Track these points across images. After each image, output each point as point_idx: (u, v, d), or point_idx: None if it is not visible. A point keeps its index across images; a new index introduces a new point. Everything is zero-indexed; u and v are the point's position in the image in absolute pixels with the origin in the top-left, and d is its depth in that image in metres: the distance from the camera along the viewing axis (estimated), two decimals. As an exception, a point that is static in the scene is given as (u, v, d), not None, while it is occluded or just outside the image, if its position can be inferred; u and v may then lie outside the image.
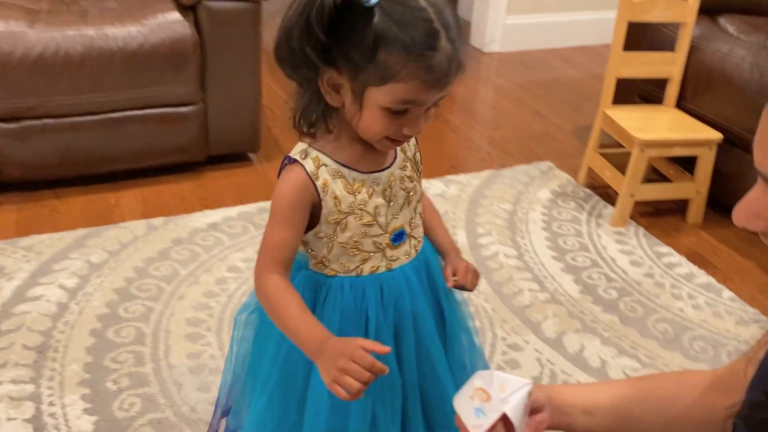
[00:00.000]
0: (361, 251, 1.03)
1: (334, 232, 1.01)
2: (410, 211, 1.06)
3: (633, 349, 1.79)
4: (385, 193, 1.02)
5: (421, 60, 0.86)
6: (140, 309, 1.83)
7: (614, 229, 2.33)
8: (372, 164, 1.01)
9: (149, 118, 2.30)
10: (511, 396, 0.81)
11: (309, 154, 0.99)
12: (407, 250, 1.08)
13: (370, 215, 1.01)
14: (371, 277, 1.05)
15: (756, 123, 2.40)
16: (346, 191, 0.99)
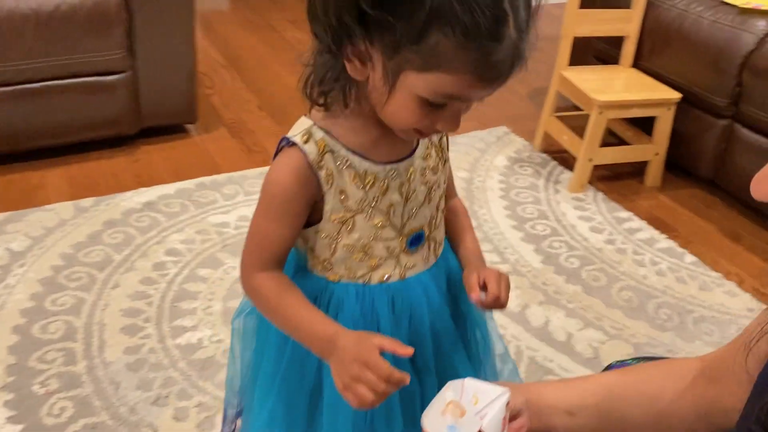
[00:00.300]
0: (371, 256, 0.86)
1: (339, 233, 0.84)
2: (431, 209, 0.89)
3: (598, 321, 1.73)
4: (402, 189, 0.84)
5: (481, 50, 0.68)
6: (70, 301, 1.66)
7: (573, 195, 2.26)
8: (389, 152, 0.83)
9: (72, 89, 2.09)
10: (487, 407, 0.71)
11: (313, 135, 0.80)
12: (425, 255, 0.90)
13: (382, 215, 0.84)
14: (380, 287, 0.88)
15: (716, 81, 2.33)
16: (355, 185, 0.81)
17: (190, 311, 1.66)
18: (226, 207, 2.05)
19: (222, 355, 1.54)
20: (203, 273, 1.78)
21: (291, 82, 3.33)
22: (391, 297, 0.87)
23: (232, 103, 2.70)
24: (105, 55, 2.08)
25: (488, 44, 0.68)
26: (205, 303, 1.69)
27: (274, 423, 0.93)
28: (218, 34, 3.38)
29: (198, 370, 1.50)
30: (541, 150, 2.50)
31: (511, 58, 0.70)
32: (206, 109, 2.60)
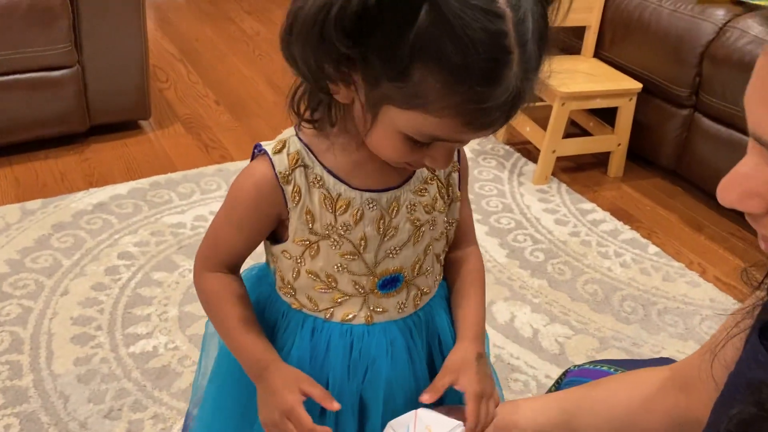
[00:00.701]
0: (335, 290, 0.78)
1: (302, 256, 0.77)
2: (417, 252, 0.79)
3: (564, 315, 1.71)
4: (380, 222, 0.75)
5: (471, 94, 0.58)
6: (16, 310, 1.58)
7: (537, 187, 2.24)
8: (372, 179, 0.74)
9: (16, 85, 1.99)
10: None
11: (288, 146, 0.74)
12: (401, 302, 0.80)
13: (352, 246, 0.75)
14: (341, 327, 0.79)
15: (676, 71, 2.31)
16: (323, 207, 0.74)
17: (144, 318, 1.59)
18: (181, 206, 1.98)
19: (178, 363, 1.48)
20: (158, 276, 1.72)
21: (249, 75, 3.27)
22: (350, 342, 0.80)
23: (187, 98, 2.61)
24: (50, 49, 1.98)
25: (481, 89, 0.58)
26: (160, 308, 1.62)
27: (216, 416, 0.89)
28: (173, 26, 3.28)
29: (153, 380, 1.44)
30: (504, 142, 2.48)
31: (509, 103, 0.60)
32: (160, 104, 2.51)
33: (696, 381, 0.74)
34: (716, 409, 0.64)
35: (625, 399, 0.79)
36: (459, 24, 0.55)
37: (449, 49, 0.56)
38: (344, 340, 0.80)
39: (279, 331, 0.82)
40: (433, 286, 0.83)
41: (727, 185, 0.52)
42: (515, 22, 0.57)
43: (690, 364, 0.77)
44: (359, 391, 0.81)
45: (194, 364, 1.48)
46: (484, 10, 0.55)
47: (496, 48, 0.56)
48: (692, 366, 0.76)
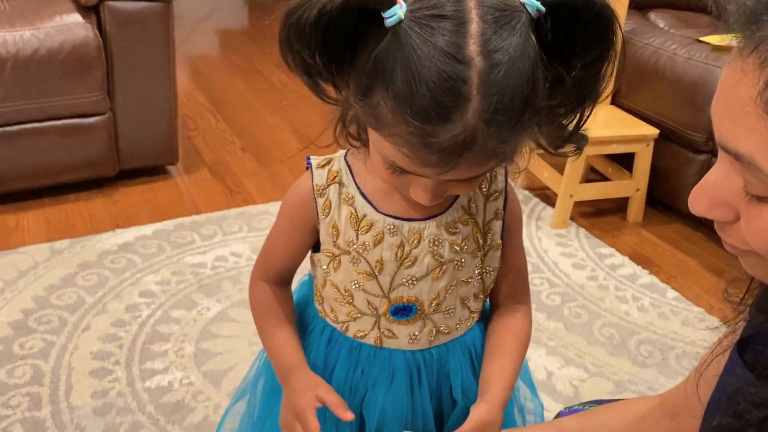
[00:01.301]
0: (351, 305, 0.80)
1: (327, 267, 0.80)
2: (438, 289, 0.78)
3: (579, 358, 1.69)
4: (398, 249, 0.76)
5: (414, 129, 0.57)
6: (39, 344, 1.63)
7: (555, 231, 2.25)
8: (399, 207, 0.75)
9: (51, 131, 2.09)
10: None
11: (332, 164, 0.78)
12: (414, 333, 0.80)
13: (369, 266, 0.77)
14: (353, 343, 0.82)
15: (692, 117, 2.33)
16: (348, 224, 0.77)
17: (161, 353, 1.62)
18: (203, 247, 2.03)
19: (192, 398, 1.50)
20: (176, 314, 1.75)
21: (275, 123, 3.37)
22: (356, 359, 0.82)
23: (215, 145, 2.70)
24: (83, 97, 2.09)
25: (422, 125, 0.57)
26: (177, 345, 1.65)
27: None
28: (204, 78, 3.41)
29: (166, 414, 1.46)
30: (523, 187, 2.50)
31: (457, 148, 0.58)
32: (188, 150, 2.60)
33: (684, 408, 0.74)
34: (702, 426, 0.65)
35: (617, 427, 0.79)
36: (413, 57, 0.55)
37: (399, 79, 0.56)
38: (352, 356, 0.82)
39: (308, 333, 0.87)
40: (454, 328, 0.82)
41: (697, 194, 0.53)
42: (482, 70, 0.56)
43: (678, 392, 0.77)
44: (359, 409, 0.82)
45: (207, 400, 1.50)
46: (445, 52, 0.55)
47: (446, 90, 0.55)
48: (679, 394, 0.76)
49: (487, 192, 0.79)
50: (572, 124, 0.66)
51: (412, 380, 0.82)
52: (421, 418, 0.83)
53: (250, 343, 1.66)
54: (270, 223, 2.17)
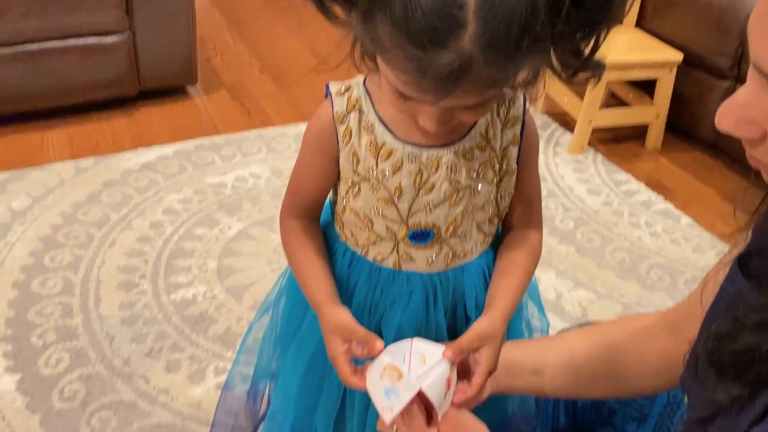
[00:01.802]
0: (371, 230, 0.82)
1: (347, 194, 0.81)
2: (455, 214, 0.79)
3: (589, 281, 1.74)
4: (416, 176, 0.77)
5: (409, 53, 0.58)
6: (68, 258, 1.70)
7: (572, 157, 2.25)
8: (417, 134, 0.75)
9: (71, 50, 2.10)
10: (431, 370, 0.69)
11: (351, 90, 0.78)
12: (431, 257, 0.82)
13: (388, 193, 0.78)
14: (372, 266, 0.84)
15: (718, 42, 2.26)
16: (368, 152, 0.77)
17: (186, 268, 1.69)
18: (223, 168, 2.07)
19: (215, 310, 1.57)
20: (199, 232, 1.81)
21: (293, 44, 3.33)
22: (376, 281, 0.84)
23: (233, 66, 2.70)
24: (102, 15, 2.08)
25: (415, 50, 0.57)
26: (200, 261, 1.71)
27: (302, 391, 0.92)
28: (222, -3, 3.36)
29: (191, 325, 1.53)
30: (543, 112, 2.48)
31: (453, 75, 0.57)
32: (207, 71, 2.60)
33: (686, 321, 0.77)
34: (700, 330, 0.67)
35: (618, 337, 0.83)
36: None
37: (396, 2, 0.56)
38: (372, 278, 0.84)
39: (330, 255, 0.88)
40: (470, 251, 0.84)
41: (726, 111, 0.53)
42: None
43: (679, 309, 0.80)
44: (377, 328, 0.85)
45: (230, 312, 1.57)
46: None
47: (441, 15, 0.55)
48: (680, 311, 0.79)
49: (504, 118, 0.79)
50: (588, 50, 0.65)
51: (428, 300, 0.85)
52: (435, 333, 0.87)
53: (270, 260, 1.72)
54: (288, 146, 2.19)
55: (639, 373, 0.82)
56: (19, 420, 1.30)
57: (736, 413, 0.56)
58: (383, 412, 0.69)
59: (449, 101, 0.62)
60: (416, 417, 0.71)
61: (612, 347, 0.83)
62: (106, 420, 1.31)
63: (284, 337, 0.96)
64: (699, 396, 0.62)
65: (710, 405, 0.58)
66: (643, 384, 0.83)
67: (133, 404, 1.35)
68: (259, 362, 1.01)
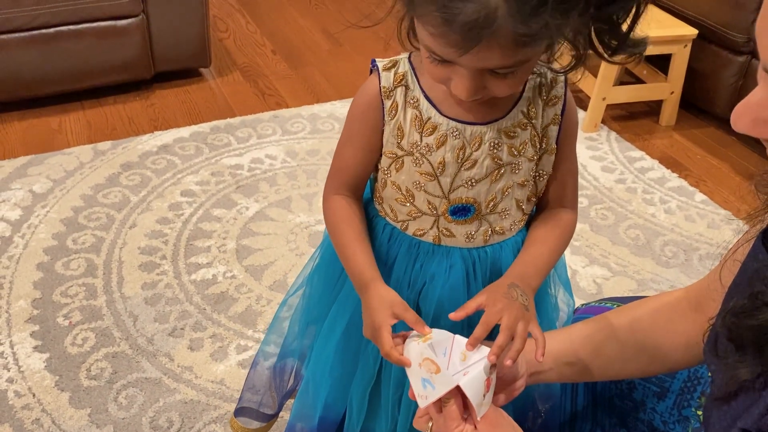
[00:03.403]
0: (412, 204, 0.83)
1: (389, 168, 0.83)
2: (495, 191, 0.81)
3: (604, 258, 1.75)
4: (460, 152, 0.78)
5: (439, 3, 0.60)
6: (90, 239, 1.73)
7: (586, 135, 2.25)
8: (462, 111, 0.78)
9: (86, 34, 2.12)
10: (471, 366, 0.69)
11: (398, 65, 0.80)
12: (471, 233, 0.83)
13: (431, 167, 0.80)
14: (412, 241, 0.85)
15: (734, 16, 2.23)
16: (413, 126, 0.79)
17: (205, 249, 1.72)
18: (239, 150, 2.09)
19: (235, 290, 1.60)
20: (217, 213, 1.84)
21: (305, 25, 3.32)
22: (416, 255, 0.86)
23: (245, 47, 2.70)
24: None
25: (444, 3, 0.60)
26: (219, 241, 1.74)
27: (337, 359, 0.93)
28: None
29: (212, 304, 1.56)
30: (555, 90, 2.48)
31: (476, 27, 0.60)
32: (220, 52, 2.61)
33: (706, 298, 0.78)
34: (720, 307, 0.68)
35: (647, 318, 0.83)
36: None
37: None
38: (412, 252, 0.86)
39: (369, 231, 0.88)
40: (509, 229, 0.85)
41: (741, 112, 0.54)
42: None
43: (701, 285, 0.81)
44: (416, 302, 0.86)
45: (249, 291, 1.60)
46: None
47: None
48: (702, 287, 0.80)
49: (546, 97, 0.80)
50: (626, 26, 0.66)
51: (468, 274, 0.86)
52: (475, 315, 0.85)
53: (287, 240, 1.75)
54: (302, 127, 2.21)
55: (670, 349, 0.82)
56: (50, 398, 1.34)
57: (760, 388, 0.57)
58: (418, 397, 0.70)
59: (477, 58, 0.64)
60: (453, 413, 0.71)
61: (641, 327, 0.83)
62: (132, 397, 1.35)
63: (317, 314, 0.97)
64: (721, 372, 0.63)
65: (733, 381, 0.59)
66: (674, 359, 0.83)
67: (158, 381, 1.38)
68: (287, 340, 1.03)
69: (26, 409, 1.32)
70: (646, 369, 0.87)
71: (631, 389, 0.97)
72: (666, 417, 0.94)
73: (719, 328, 0.63)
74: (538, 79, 0.80)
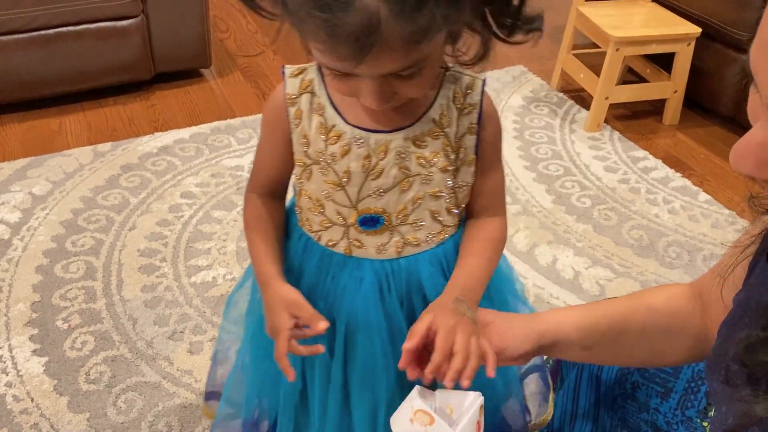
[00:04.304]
0: (323, 215, 0.81)
1: (300, 177, 0.81)
2: (405, 201, 0.78)
3: (607, 259, 1.74)
4: (365, 161, 0.76)
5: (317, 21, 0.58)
6: (89, 242, 1.72)
7: (588, 134, 2.23)
8: (367, 118, 0.75)
9: (85, 35, 2.11)
10: (461, 415, 0.69)
11: (305, 73, 0.78)
12: (381, 245, 0.81)
13: (337, 177, 0.78)
14: (324, 251, 0.83)
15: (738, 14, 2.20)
16: (318, 134, 0.77)
17: (205, 251, 1.71)
18: (240, 151, 2.08)
19: (235, 292, 1.59)
20: (218, 215, 1.83)
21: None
22: (328, 267, 0.84)
23: (246, 47, 2.69)
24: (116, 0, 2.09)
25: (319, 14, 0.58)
26: (220, 243, 1.73)
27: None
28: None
29: (212, 307, 1.55)
30: (558, 89, 2.46)
31: (363, 36, 0.58)
32: (221, 53, 2.60)
33: (708, 299, 0.77)
34: (722, 332, 0.65)
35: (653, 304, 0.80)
36: None
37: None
38: (324, 263, 0.84)
39: (290, 240, 0.88)
40: (424, 240, 0.82)
41: (743, 154, 0.49)
42: None
43: (703, 282, 0.79)
44: (330, 315, 0.83)
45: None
46: None
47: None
48: (704, 284, 0.79)
49: (461, 105, 0.77)
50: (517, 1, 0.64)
51: (381, 287, 0.83)
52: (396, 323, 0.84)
53: (288, 242, 1.74)
54: (304, 127, 2.19)
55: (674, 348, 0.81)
56: (48, 402, 1.34)
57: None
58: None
59: (374, 66, 0.62)
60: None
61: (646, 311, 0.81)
62: (131, 401, 1.34)
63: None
64: (731, 404, 0.60)
65: (747, 416, 0.56)
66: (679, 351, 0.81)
67: (158, 385, 1.37)
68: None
69: (24, 414, 1.31)
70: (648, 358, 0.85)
71: (635, 389, 0.96)
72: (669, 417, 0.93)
73: (730, 360, 0.59)
74: (453, 86, 0.77)
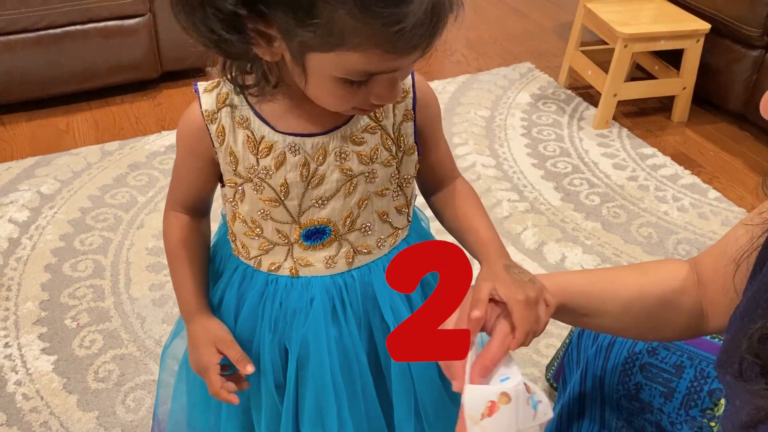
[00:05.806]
0: (260, 237, 0.75)
1: (233, 199, 0.75)
2: (349, 206, 0.74)
3: (616, 257, 1.72)
4: (303, 168, 0.70)
5: (384, 21, 0.54)
6: (97, 240, 1.73)
7: (596, 132, 2.22)
8: (299, 123, 0.70)
9: (93, 34, 2.11)
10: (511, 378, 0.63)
11: (220, 86, 0.72)
12: (330, 257, 0.76)
13: (273, 192, 0.72)
14: (268, 277, 0.77)
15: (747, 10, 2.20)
16: (246, 149, 0.70)
17: (212, 250, 1.71)
18: (246, 149, 2.08)
19: (243, 291, 1.59)
20: (225, 213, 1.83)
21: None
22: (273, 293, 0.78)
23: (253, 46, 2.69)
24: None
25: (390, 10, 0.54)
26: (227, 242, 1.73)
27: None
28: None
29: (220, 306, 1.55)
30: (566, 86, 2.45)
31: (429, 16, 0.55)
32: (227, 51, 2.60)
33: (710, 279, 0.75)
34: (736, 322, 0.65)
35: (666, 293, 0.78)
36: None
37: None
38: (269, 290, 0.78)
39: (221, 275, 0.82)
40: (375, 246, 0.78)
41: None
42: None
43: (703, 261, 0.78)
44: (281, 344, 0.79)
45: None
46: None
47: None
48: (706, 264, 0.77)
49: None
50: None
51: (334, 306, 0.78)
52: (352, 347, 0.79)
53: (295, 240, 1.74)
54: (311, 125, 2.19)
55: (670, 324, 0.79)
56: (57, 400, 1.34)
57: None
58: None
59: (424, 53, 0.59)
60: None
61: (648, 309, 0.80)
62: (140, 399, 1.34)
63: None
64: (745, 397, 0.60)
65: (762, 410, 0.56)
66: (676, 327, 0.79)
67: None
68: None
69: (34, 412, 1.32)
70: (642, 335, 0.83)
71: (638, 390, 0.96)
72: (673, 417, 0.93)
73: (744, 352, 0.59)
74: None
